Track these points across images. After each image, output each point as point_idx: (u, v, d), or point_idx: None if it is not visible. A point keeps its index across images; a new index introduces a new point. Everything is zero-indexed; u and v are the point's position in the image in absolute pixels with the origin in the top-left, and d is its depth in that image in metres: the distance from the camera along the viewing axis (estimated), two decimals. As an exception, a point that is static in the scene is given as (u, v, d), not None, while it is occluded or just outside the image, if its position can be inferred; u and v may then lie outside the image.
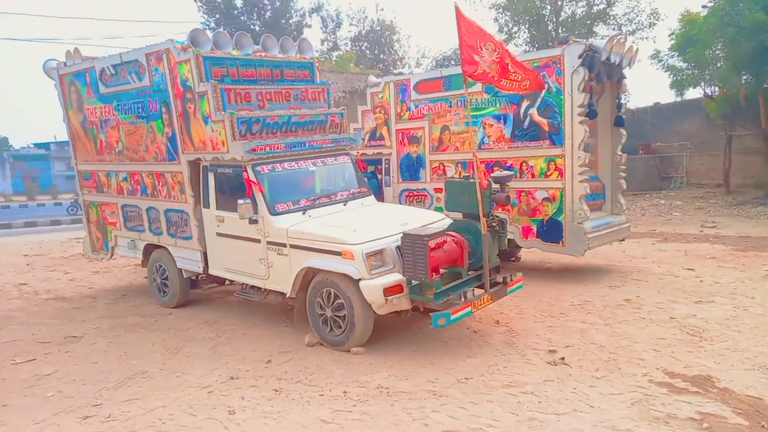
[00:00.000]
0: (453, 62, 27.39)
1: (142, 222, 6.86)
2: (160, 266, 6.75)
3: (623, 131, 8.05)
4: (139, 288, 7.80)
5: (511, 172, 6.43)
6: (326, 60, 26.65)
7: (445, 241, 4.75)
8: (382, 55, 28.43)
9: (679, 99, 19.60)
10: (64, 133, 7.98)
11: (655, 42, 17.10)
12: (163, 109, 6.22)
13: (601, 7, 16.23)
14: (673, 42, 17.56)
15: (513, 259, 8.80)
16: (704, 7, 16.04)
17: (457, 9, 4.92)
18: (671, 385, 3.88)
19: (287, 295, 5.36)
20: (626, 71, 7.90)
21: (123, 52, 6.60)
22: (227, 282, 6.57)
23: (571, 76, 6.90)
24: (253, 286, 5.88)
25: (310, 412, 3.73)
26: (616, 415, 3.47)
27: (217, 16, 26.61)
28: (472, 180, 5.09)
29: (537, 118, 7.29)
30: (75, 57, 7.35)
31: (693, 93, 18.79)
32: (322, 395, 3.99)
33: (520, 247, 8.29)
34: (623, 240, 8.14)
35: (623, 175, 8.08)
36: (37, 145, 49.27)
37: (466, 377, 4.17)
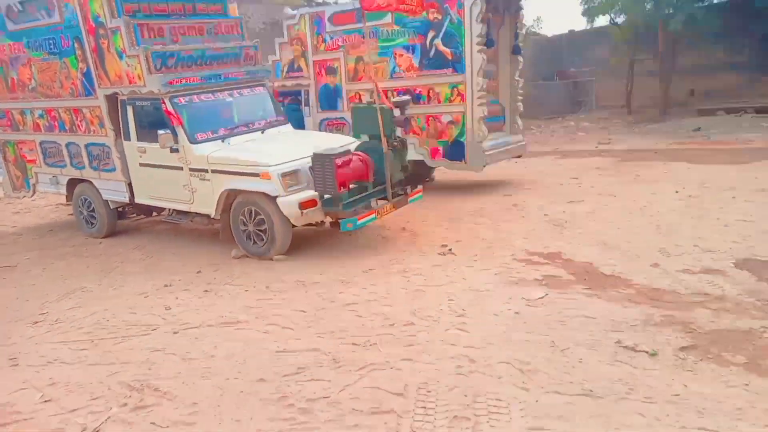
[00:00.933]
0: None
1: (63, 157, 7.05)
2: (86, 199, 7.04)
3: (521, 59, 8.83)
4: (64, 224, 8.00)
5: (408, 98, 7.08)
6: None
7: (350, 160, 5.40)
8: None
9: (590, 27, 20.67)
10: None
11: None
12: (76, 45, 6.32)
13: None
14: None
15: (427, 179, 9.65)
16: None
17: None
18: (529, 261, 4.86)
19: (212, 216, 5.91)
20: (523, 2, 8.58)
21: (27, -12, 6.53)
22: (154, 213, 6.98)
23: (470, 8, 7.49)
24: (179, 212, 6.37)
25: (237, 302, 4.43)
26: (481, 281, 4.41)
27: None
28: (374, 105, 5.71)
29: (441, 47, 7.89)
30: (-24, -7, 7.13)
31: (604, 20, 19.90)
32: (246, 291, 4.69)
33: (434, 168, 9.13)
34: (519, 156, 9.12)
35: (520, 98, 8.94)
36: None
37: (370, 268, 4.99)
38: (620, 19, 18.03)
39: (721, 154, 9.96)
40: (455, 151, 8.05)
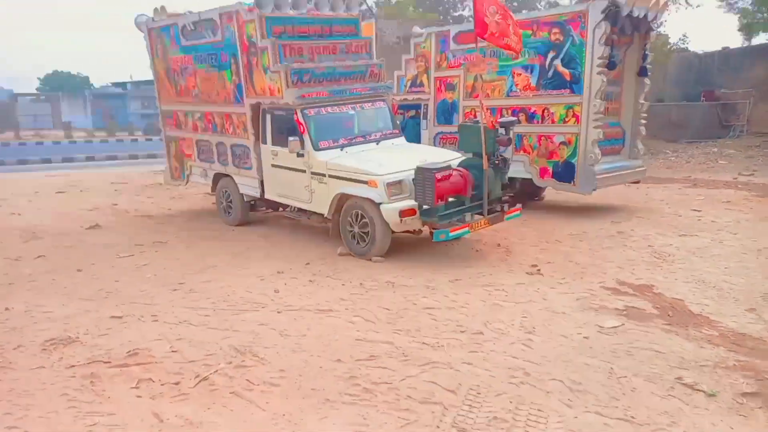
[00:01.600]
0: (515, 3, 26.90)
1: (212, 155, 8.29)
2: (226, 191, 8.21)
3: (647, 81, 8.53)
4: (208, 211, 9.32)
5: (515, 119, 7.22)
6: (384, 5, 26.90)
7: (450, 175, 5.78)
8: (444, -2, 28.35)
9: (747, 44, 18.74)
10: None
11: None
12: (232, 61, 7.45)
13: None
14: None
15: (536, 198, 9.66)
16: None
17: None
18: (617, 290, 4.85)
19: (325, 216, 6.64)
20: (657, 23, 8.28)
21: (201, 12, 7.84)
22: (280, 209, 7.92)
23: (593, 30, 7.47)
24: (299, 209, 7.21)
25: (333, 293, 5.04)
26: (560, 304, 4.53)
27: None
28: (478, 124, 6.02)
29: (561, 68, 7.94)
30: (161, 14, 8.69)
31: (764, 37, 17.98)
32: (343, 285, 5.28)
33: (544, 188, 9.14)
34: (638, 182, 8.78)
35: (643, 122, 8.63)
36: (115, 85, 52.47)
37: (456, 279, 5.32)
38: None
39: None
40: (565, 173, 8.03)
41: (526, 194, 9.46)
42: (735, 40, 24.21)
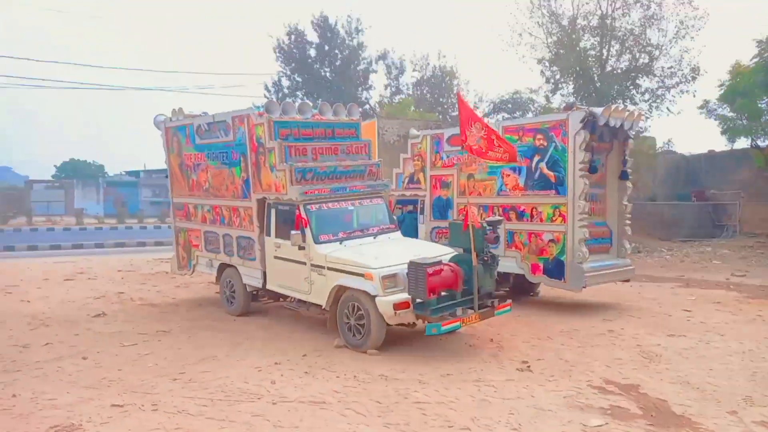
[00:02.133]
0: (509, 105, 28.62)
1: (219, 245, 8.68)
2: (230, 281, 8.50)
3: (629, 184, 9.08)
4: (211, 300, 9.57)
5: (501, 218, 7.67)
6: (386, 105, 28.66)
7: (442, 269, 6.10)
8: (441, 99, 30.16)
9: (731, 147, 19.78)
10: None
11: (694, 96, 17.79)
12: (242, 159, 8.06)
13: (645, 61, 17.06)
14: (721, 92, 18.05)
15: (531, 294, 9.90)
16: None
17: (459, 96, 6.44)
18: (603, 389, 4.98)
19: (323, 307, 6.88)
20: (641, 129, 8.96)
21: (216, 114, 8.58)
22: (281, 299, 8.16)
23: (574, 137, 8.13)
24: (299, 300, 7.45)
25: (327, 385, 5.17)
26: (547, 401, 4.66)
27: (293, 64, 29.51)
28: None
29: (546, 171, 8.53)
30: (179, 114, 9.47)
31: (746, 142, 19.01)
32: (338, 377, 5.42)
33: (539, 283, 9.40)
34: (627, 280, 9.04)
35: (628, 222, 9.06)
36: (129, 173, 54.29)
37: (448, 373, 5.46)
38: (762, 142, 17.10)
39: None
40: (555, 270, 8.34)
41: (521, 290, 9.75)
42: (719, 143, 25.48)
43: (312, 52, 29.44)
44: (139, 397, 4.94)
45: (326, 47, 29.30)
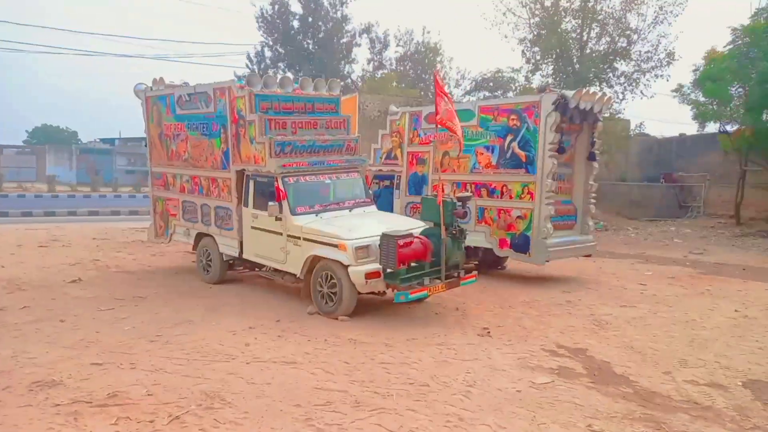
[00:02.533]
0: (491, 84, 28.80)
1: (197, 215, 8.85)
2: (206, 250, 8.71)
3: (595, 164, 9.47)
4: (187, 269, 9.74)
5: (470, 194, 8.02)
6: (368, 80, 28.61)
7: (412, 242, 6.42)
8: (424, 75, 30.21)
9: (701, 132, 20.41)
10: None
11: (668, 81, 18.30)
12: (222, 131, 8.19)
13: (623, 45, 17.40)
14: (696, 78, 18.51)
15: (499, 267, 10.34)
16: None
17: (435, 74, 6.75)
18: (555, 352, 5.41)
19: (297, 276, 7.17)
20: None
21: (197, 85, 8.66)
22: (256, 269, 8.41)
23: (545, 118, 8.45)
24: (274, 269, 7.72)
25: (299, 348, 5.50)
26: (502, 362, 5.07)
27: (275, 35, 29.17)
28: (436, 197, 6.75)
29: (517, 150, 8.86)
30: (159, 84, 9.50)
31: (715, 126, 19.62)
32: (309, 340, 5.75)
33: (506, 257, 9.82)
34: (589, 255, 9.52)
35: (593, 201, 9.49)
36: (103, 140, 53.16)
37: (413, 338, 5.84)
38: (731, 127, 17.70)
39: (816, 278, 9.53)
40: (521, 244, 8.75)
41: (490, 263, 10.18)
42: (691, 128, 26.17)
43: (295, 24, 29.13)
44: (117, 356, 5.20)
45: (310, 19, 29.00)
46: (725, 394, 4.40)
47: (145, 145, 9.97)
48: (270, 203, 7.18)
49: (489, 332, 6.04)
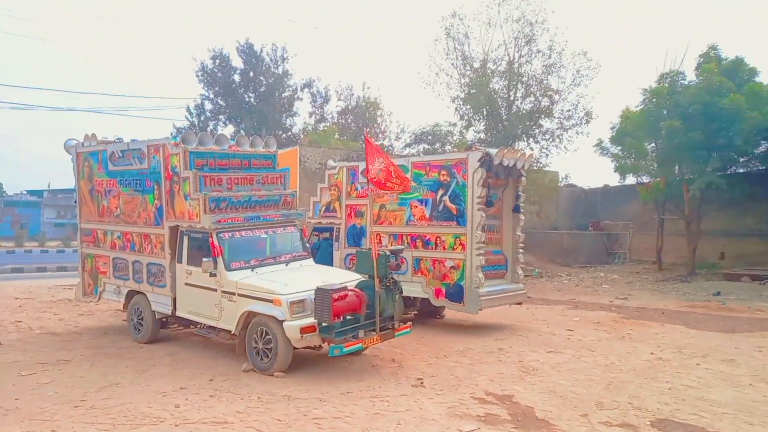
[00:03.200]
0: (430, 137, 30.00)
1: (128, 272, 8.64)
2: (138, 308, 8.47)
3: (521, 216, 10.06)
4: (118, 328, 9.40)
5: (403, 246, 8.35)
6: (310, 133, 29.16)
7: (346, 294, 6.56)
8: (365, 128, 31.11)
9: (623, 183, 21.98)
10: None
11: (587, 137, 19.83)
12: (155, 187, 8.16)
13: (546, 104, 18.79)
14: (613, 134, 20.12)
15: (438, 316, 10.60)
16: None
17: (366, 136, 7.11)
18: (483, 399, 5.61)
19: (232, 332, 7.10)
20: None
21: (130, 141, 8.65)
22: (191, 326, 8.24)
23: (473, 174, 8.99)
24: (209, 326, 7.61)
25: (231, 406, 5.42)
26: (432, 412, 5.21)
27: (216, 88, 29.41)
28: (371, 250, 6.98)
29: (448, 203, 9.32)
30: (92, 140, 9.40)
31: (634, 178, 21.21)
32: (242, 399, 5.68)
33: (443, 307, 10.09)
34: (520, 303, 9.94)
35: (521, 251, 10.02)
36: (30, 192, 50.60)
37: (348, 391, 5.89)
38: (647, 178, 19.20)
39: (725, 320, 10.35)
40: (455, 293, 9.06)
41: (429, 313, 10.42)
42: (614, 179, 28.27)
43: (236, 78, 29.52)
44: (38, 424, 4.96)
45: (251, 73, 29.50)
46: (634, 432, 4.72)
47: (75, 201, 9.74)
48: (204, 259, 7.17)
49: (422, 382, 6.18)
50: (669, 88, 17.16)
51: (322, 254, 10.58)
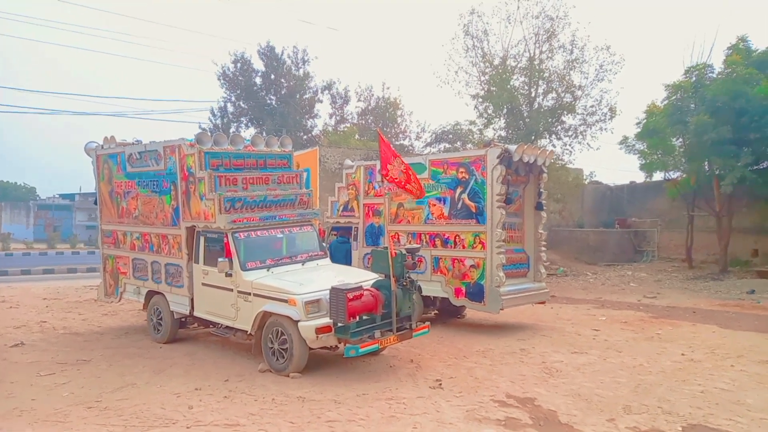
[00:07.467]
0: (450, 135, 29.71)
1: (147, 273, 8.66)
2: (157, 308, 8.48)
3: (543, 214, 9.78)
4: (139, 328, 9.45)
5: (420, 245, 8.14)
6: (330, 134, 29.16)
7: (362, 294, 6.41)
8: (385, 128, 30.95)
9: (649, 179, 21.37)
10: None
11: (612, 133, 19.30)
12: (172, 188, 8.16)
13: (568, 100, 18.35)
14: (638, 131, 19.56)
15: (458, 316, 10.38)
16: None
17: (379, 132, 6.91)
18: (504, 402, 5.40)
19: (248, 332, 7.02)
20: (545, 167, 9.73)
21: (147, 143, 8.67)
22: (209, 326, 8.21)
23: (492, 171, 8.76)
24: (226, 326, 7.55)
25: (245, 409, 5.33)
26: (450, 415, 5.01)
27: (238, 91, 29.64)
28: (386, 250, 6.82)
29: (467, 201, 9.10)
30: (111, 142, 9.48)
31: (661, 175, 20.59)
32: (256, 400, 5.58)
33: (465, 307, 9.87)
34: (543, 303, 9.66)
35: (543, 249, 9.73)
36: (62, 196, 51.95)
37: (364, 393, 5.73)
38: (675, 174, 18.59)
39: (760, 319, 9.90)
40: (476, 293, 8.84)
41: (449, 313, 10.22)
42: (640, 175, 27.61)
43: (258, 80, 29.70)
44: (50, 426, 4.94)
45: (272, 76, 29.64)
46: (665, 439, 4.46)
47: (95, 203, 9.83)
48: (220, 259, 7.11)
49: (441, 384, 5.99)
50: (694, 82, 16.59)
51: (341, 254, 10.47)
